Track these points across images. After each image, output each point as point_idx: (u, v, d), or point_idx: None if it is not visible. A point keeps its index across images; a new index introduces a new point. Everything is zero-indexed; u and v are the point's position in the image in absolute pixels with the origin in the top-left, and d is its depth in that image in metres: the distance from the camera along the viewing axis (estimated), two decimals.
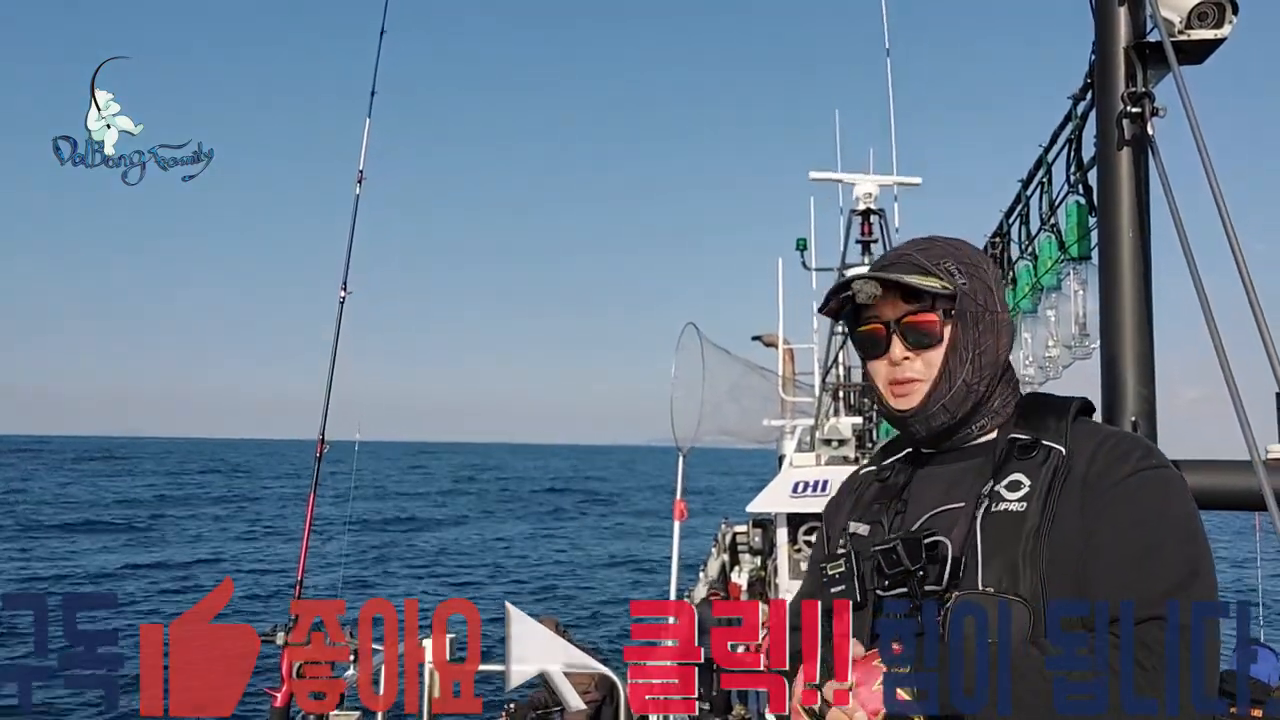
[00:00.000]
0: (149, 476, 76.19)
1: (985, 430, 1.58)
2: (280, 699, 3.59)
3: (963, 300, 1.52)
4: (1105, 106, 2.66)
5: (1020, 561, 1.39)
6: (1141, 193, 2.59)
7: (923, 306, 1.53)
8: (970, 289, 1.54)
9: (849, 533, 1.63)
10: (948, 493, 1.54)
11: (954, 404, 1.54)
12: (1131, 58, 2.60)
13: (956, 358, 1.52)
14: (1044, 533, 1.40)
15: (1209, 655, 1.31)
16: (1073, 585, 1.38)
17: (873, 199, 10.74)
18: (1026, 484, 1.45)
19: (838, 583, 1.55)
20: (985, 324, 1.54)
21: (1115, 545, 1.38)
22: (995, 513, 1.44)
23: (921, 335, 1.54)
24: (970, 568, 1.42)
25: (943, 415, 1.54)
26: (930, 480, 1.60)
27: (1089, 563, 1.38)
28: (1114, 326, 2.60)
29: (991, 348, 1.54)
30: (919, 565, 1.45)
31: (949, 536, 1.46)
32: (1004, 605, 1.38)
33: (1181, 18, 2.52)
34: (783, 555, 8.65)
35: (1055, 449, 1.48)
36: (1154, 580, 1.33)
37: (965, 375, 1.53)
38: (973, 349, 1.53)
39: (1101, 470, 1.43)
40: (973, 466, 1.55)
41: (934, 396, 1.53)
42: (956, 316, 1.52)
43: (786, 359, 14.43)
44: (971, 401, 1.54)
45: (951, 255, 1.57)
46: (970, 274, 1.55)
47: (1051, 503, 1.42)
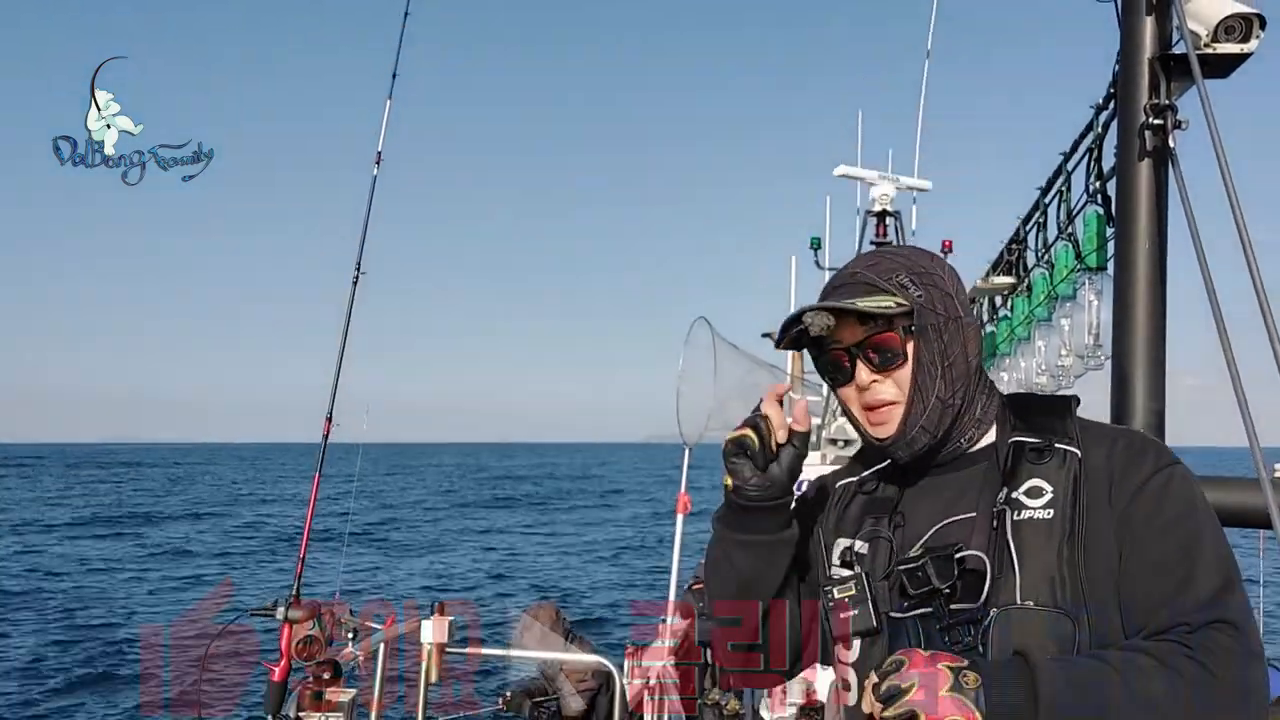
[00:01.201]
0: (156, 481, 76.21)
1: (974, 439, 1.52)
2: (279, 673, 3.61)
3: (921, 314, 1.45)
4: (1127, 117, 2.64)
5: (1058, 571, 1.34)
6: (1160, 205, 2.58)
7: (881, 326, 1.46)
8: (927, 300, 1.46)
9: (851, 551, 1.53)
10: (952, 505, 1.47)
11: (932, 423, 1.46)
12: (1156, 69, 2.58)
13: (925, 374, 1.45)
14: (1077, 540, 1.35)
15: (1261, 652, 1.29)
16: (1110, 593, 1.34)
17: (889, 200, 10.70)
18: (1049, 490, 1.40)
19: (849, 608, 1.45)
20: (950, 333, 1.47)
21: (1154, 550, 1.34)
22: (1021, 521, 1.38)
23: (886, 355, 1.47)
24: (1003, 581, 1.35)
25: (924, 437, 1.47)
26: (927, 492, 1.52)
27: (1128, 568, 1.34)
28: (1127, 338, 2.59)
29: (960, 356, 1.47)
30: (948, 584, 1.37)
31: (971, 548, 1.39)
32: (1048, 618, 1.32)
33: (1208, 31, 2.50)
34: None
35: (1070, 451, 1.43)
36: (1202, 583, 1.30)
37: (938, 391, 1.46)
38: (940, 361, 1.46)
39: (1122, 472, 1.39)
40: (976, 474, 1.48)
41: (910, 419, 1.46)
42: (917, 332, 1.45)
43: (795, 357, 14.40)
44: (950, 417, 1.47)
45: (903, 267, 1.49)
46: (925, 284, 1.47)
47: (1079, 508, 1.37)
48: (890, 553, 1.47)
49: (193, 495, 56.53)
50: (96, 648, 18.09)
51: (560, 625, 6.18)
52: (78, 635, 19.45)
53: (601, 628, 20.10)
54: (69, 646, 18.41)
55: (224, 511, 47.47)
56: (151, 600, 22.84)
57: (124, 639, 18.74)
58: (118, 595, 23.63)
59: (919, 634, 1.39)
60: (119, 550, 31.94)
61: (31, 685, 15.74)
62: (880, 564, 1.47)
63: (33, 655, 17.61)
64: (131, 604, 22.31)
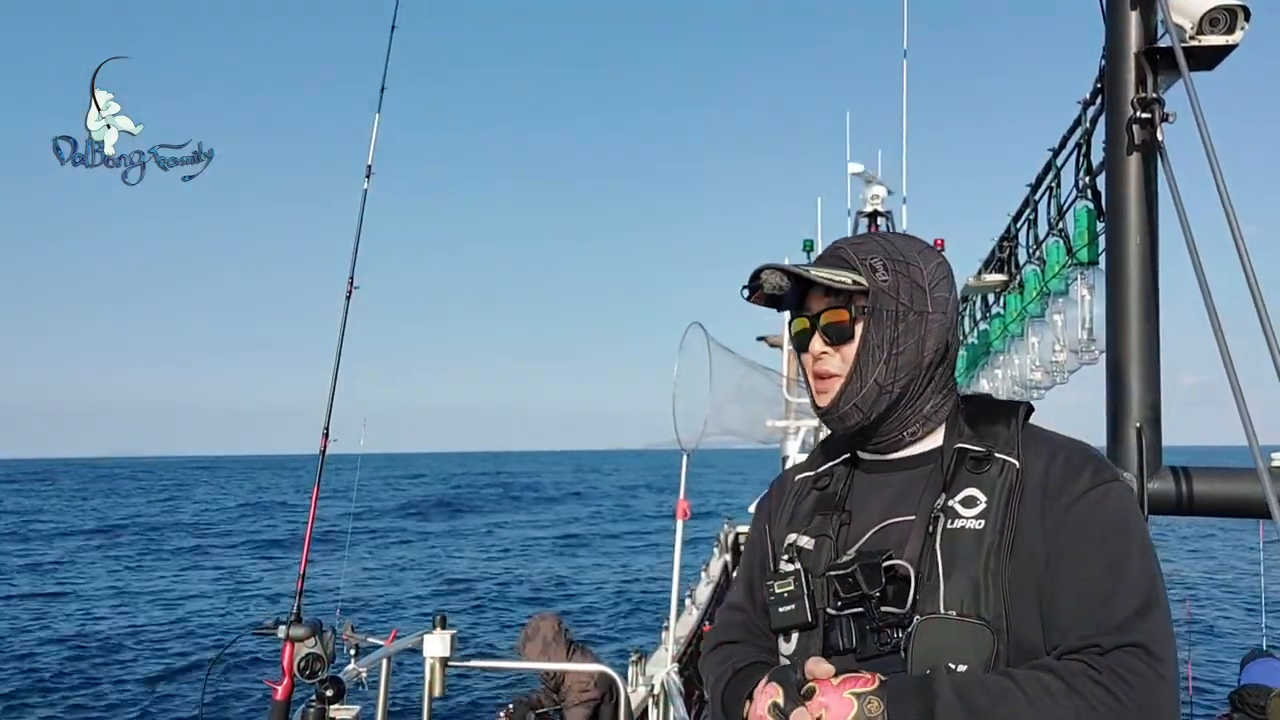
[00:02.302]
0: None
1: (917, 436, 1.54)
2: (281, 692, 3.59)
3: (878, 297, 1.48)
4: (1115, 112, 2.65)
5: (982, 582, 1.35)
6: (1150, 198, 2.59)
7: (839, 302, 1.51)
8: (891, 286, 1.49)
9: (795, 546, 1.57)
10: (895, 504, 1.50)
11: (866, 404, 1.49)
12: (1142, 63, 2.59)
13: (868, 356, 1.48)
14: (1004, 552, 1.36)
15: (1174, 680, 1.29)
16: (1035, 607, 1.35)
17: (880, 201, 10.74)
18: (982, 500, 1.41)
19: (786, 601, 1.50)
20: (907, 323, 1.49)
21: (1078, 567, 1.35)
22: (952, 530, 1.40)
23: (835, 330, 1.51)
24: (930, 588, 1.38)
25: (855, 415, 1.50)
26: (873, 489, 1.55)
27: (1051, 585, 1.35)
28: (1120, 332, 2.60)
29: (912, 348, 1.49)
30: (876, 589, 1.40)
31: (903, 553, 1.42)
32: (967, 629, 1.34)
33: (1193, 23, 2.51)
34: None
35: (1009, 462, 1.44)
36: (1121, 602, 1.30)
37: (877, 375, 1.48)
38: (888, 348, 1.48)
39: (1057, 486, 1.40)
40: (920, 476, 1.51)
41: (846, 394, 1.50)
42: (869, 314, 1.48)
43: (791, 360, 14.43)
44: (885, 403, 1.50)
45: (882, 250, 1.52)
46: (897, 270, 1.50)
47: (1010, 520, 1.38)
48: (833, 550, 1.51)
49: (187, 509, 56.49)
50: (93, 666, 18.04)
51: (562, 636, 6.17)
52: (74, 651, 19.40)
53: (601, 629, 20.11)
54: (64, 662, 18.35)
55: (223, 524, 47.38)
56: (151, 618, 22.79)
57: (126, 657, 18.69)
58: (117, 609, 23.59)
59: (851, 631, 1.43)
60: (116, 565, 31.87)
61: (24, 704, 15.69)
62: (822, 561, 1.51)
63: (27, 672, 17.56)
64: (131, 620, 22.26)
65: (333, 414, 4.02)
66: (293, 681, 3.57)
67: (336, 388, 4.05)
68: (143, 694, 16.50)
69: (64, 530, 43.37)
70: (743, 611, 1.70)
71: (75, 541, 39.07)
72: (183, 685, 16.79)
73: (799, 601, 1.48)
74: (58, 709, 15.77)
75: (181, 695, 16.16)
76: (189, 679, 17.11)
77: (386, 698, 4.35)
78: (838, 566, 1.45)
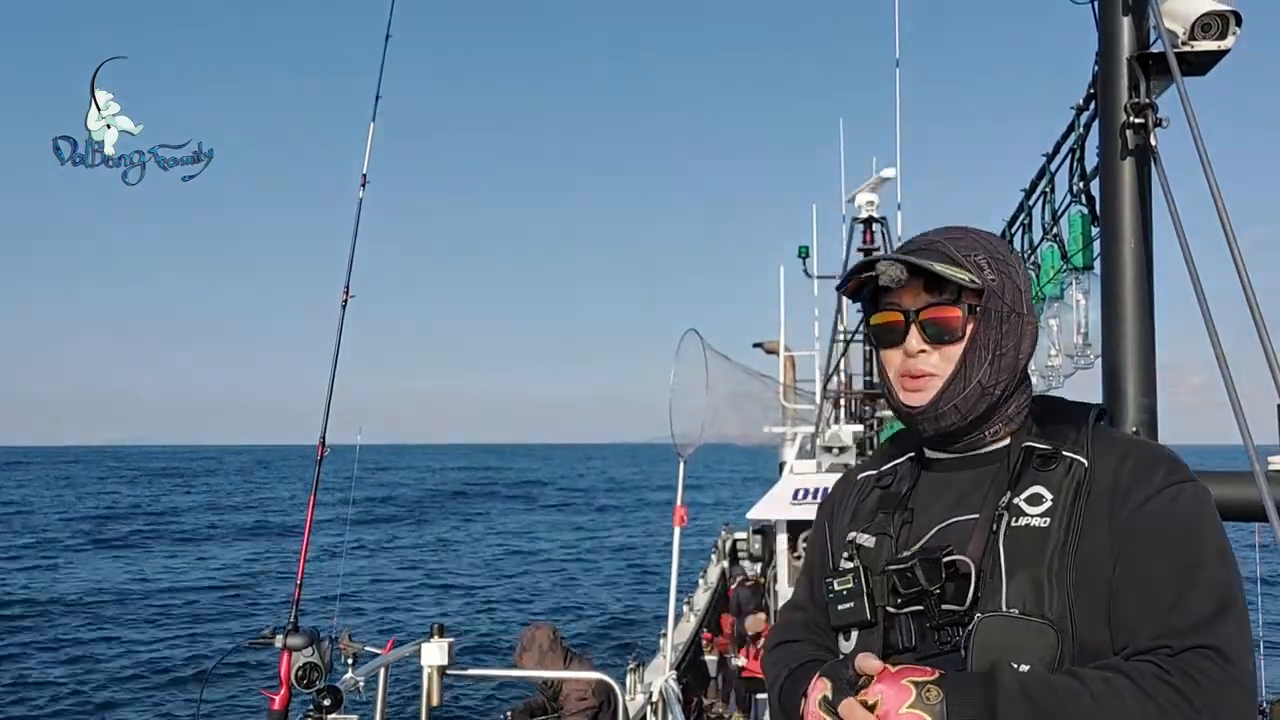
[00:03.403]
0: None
1: (998, 436, 1.50)
2: (279, 702, 3.58)
3: (989, 297, 1.44)
4: (1108, 117, 2.66)
5: (1046, 581, 1.32)
6: (1144, 203, 2.60)
7: (945, 299, 1.46)
8: (999, 286, 1.45)
9: (855, 544, 1.54)
10: (959, 503, 1.47)
11: (966, 405, 1.45)
12: (1135, 69, 2.60)
13: (976, 356, 1.44)
14: (1070, 550, 1.33)
15: (1249, 684, 1.25)
16: (1101, 608, 1.32)
17: (875, 207, 10.76)
18: (1048, 498, 1.38)
19: (845, 599, 1.47)
20: (1010, 325, 1.46)
21: (1148, 567, 1.31)
22: (1017, 528, 1.37)
23: (942, 329, 1.46)
24: (993, 586, 1.35)
25: (953, 415, 1.46)
26: (937, 488, 1.52)
27: (1121, 584, 1.31)
28: (1115, 336, 2.60)
29: (1013, 351, 1.46)
30: (937, 585, 1.38)
31: (965, 551, 1.39)
32: (1030, 627, 1.31)
33: (1185, 29, 2.52)
34: (783, 562, 8.64)
35: (1077, 461, 1.41)
36: (1194, 604, 1.27)
37: (982, 376, 1.44)
38: (993, 349, 1.45)
39: (1128, 486, 1.36)
40: (986, 475, 1.48)
41: (946, 394, 1.45)
42: (980, 313, 1.44)
43: (787, 366, 14.43)
44: (985, 404, 1.46)
45: (984, 249, 1.48)
46: (1001, 271, 1.47)
47: (1076, 519, 1.35)
48: (892, 548, 1.48)
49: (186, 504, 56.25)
50: (85, 673, 17.96)
51: (558, 644, 6.16)
52: (67, 658, 19.32)
53: (598, 636, 20.07)
54: (60, 669, 18.28)
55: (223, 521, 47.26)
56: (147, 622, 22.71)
57: (122, 663, 18.61)
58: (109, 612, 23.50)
59: (911, 630, 1.40)
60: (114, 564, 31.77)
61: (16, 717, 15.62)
62: (882, 559, 1.48)
63: (17, 683, 17.49)
64: (125, 624, 22.18)
65: (329, 414, 4.02)
66: (290, 691, 3.57)
67: (333, 395, 4.05)
68: (137, 704, 16.44)
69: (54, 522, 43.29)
70: (803, 610, 1.67)
71: (74, 539, 38.90)
72: (178, 695, 16.72)
73: (858, 599, 1.46)
74: (48, 714, 15.71)
75: (177, 706, 16.10)
76: (184, 688, 17.04)
77: (384, 707, 4.34)
78: (897, 561, 1.43)
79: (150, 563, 33.39)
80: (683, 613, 12.86)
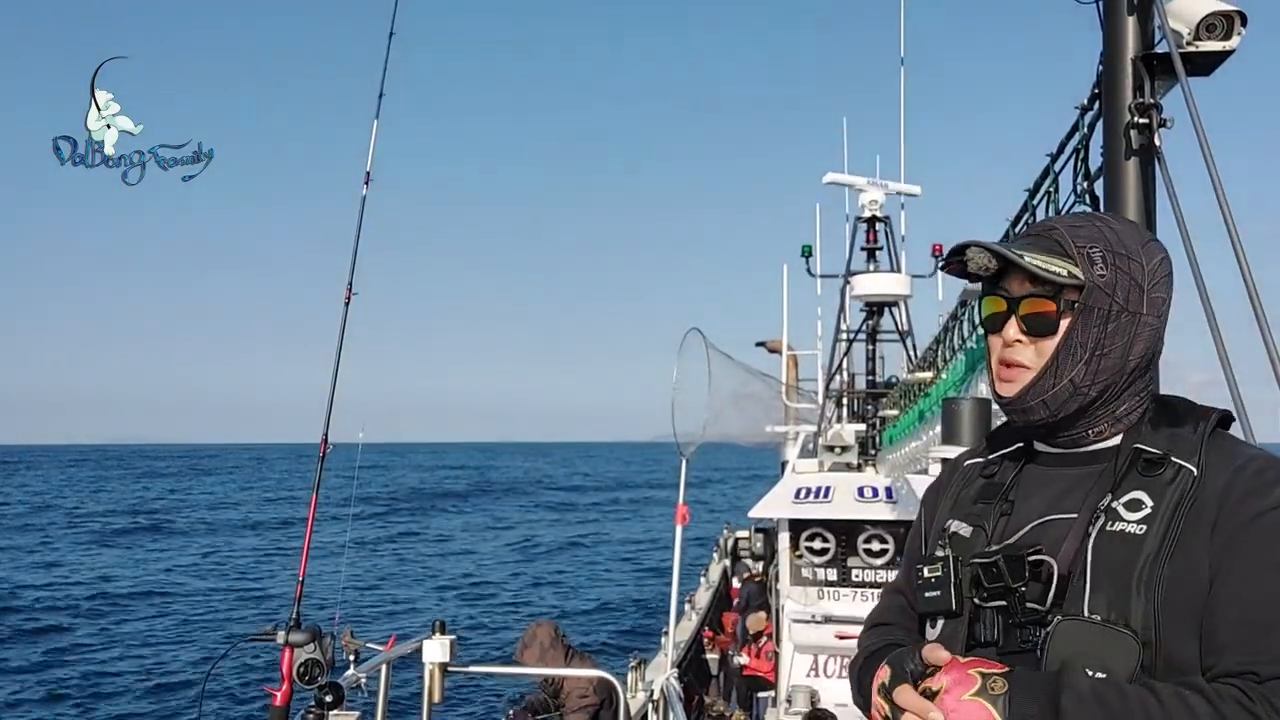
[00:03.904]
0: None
1: (1104, 435, 1.44)
2: (281, 698, 3.58)
3: (1092, 294, 1.37)
4: (1112, 117, 2.66)
5: (1133, 589, 1.27)
6: (1148, 203, 2.59)
7: (1044, 292, 1.40)
8: (1109, 282, 1.37)
9: (949, 533, 1.51)
10: (1059, 500, 1.43)
11: (1055, 402, 1.40)
12: (1139, 69, 2.60)
13: (1069, 354, 1.39)
14: (1163, 561, 1.27)
15: None
16: (1191, 623, 1.26)
17: (878, 206, 10.75)
18: (1148, 504, 1.32)
19: (933, 587, 1.44)
20: (1118, 324, 1.38)
21: (1248, 587, 1.24)
22: (1110, 532, 1.32)
23: (1037, 321, 1.41)
24: (1077, 590, 1.31)
25: (1041, 411, 1.41)
26: (1040, 482, 1.48)
27: (1215, 602, 1.25)
28: None
29: (1119, 350, 1.39)
30: (1020, 583, 1.35)
31: (1057, 551, 1.36)
32: (1111, 636, 1.27)
33: (1190, 29, 2.52)
34: (784, 561, 8.63)
35: (1185, 468, 1.34)
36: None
37: (1075, 375, 1.39)
38: (1092, 348, 1.38)
39: (1239, 500, 1.28)
40: (1090, 474, 1.43)
41: (1034, 390, 1.41)
42: (1080, 310, 1.38)
43: (790, 365, 14.44)
44: (1077, 403, 1.40)
45: (1103, 241, 1.40)
46: (1117, 265, 1.38)
47: (1175, 528, 1.29)
48: (986, 540, 1.46)
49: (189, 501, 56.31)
50: (90, 667, 18.00)
51: (560, 642, 6.17)
52: (71, 652, 19.35)
53: (599, 633, 20.08)
54: (61, 663, 18.32)
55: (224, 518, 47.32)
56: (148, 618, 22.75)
57: (123, 659, 18.65)
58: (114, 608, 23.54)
59: (996, 624, 1.38)
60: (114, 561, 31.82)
61: (19, 710, 15.65)
62: (974, 550, 1.45)
63: (23, 676, 17.53)
64: (128, 621, 22.21)
65: (331, 410, 4.03)
66: (292, 687, 3.57)
67: (336, 391, 4.05)
68: (139, 699, 16.47)
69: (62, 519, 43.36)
70: (901, 595, 1.64)
71: (75, 538, 38.97)
72: (180, 691, 16.75)
73: (945, 588, 1.42)
74: (49, 712, 15.75)
75: (179, 701, 16.13)
76: (187, 684, 17.07)
77: (386, 703, 4.35)
78: (983, 555, 1.40)
79: (151, 560, 33.46)
80: (684, 611, 12.87)
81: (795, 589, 8.44)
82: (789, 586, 8.50)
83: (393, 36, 4.77)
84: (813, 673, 8.18)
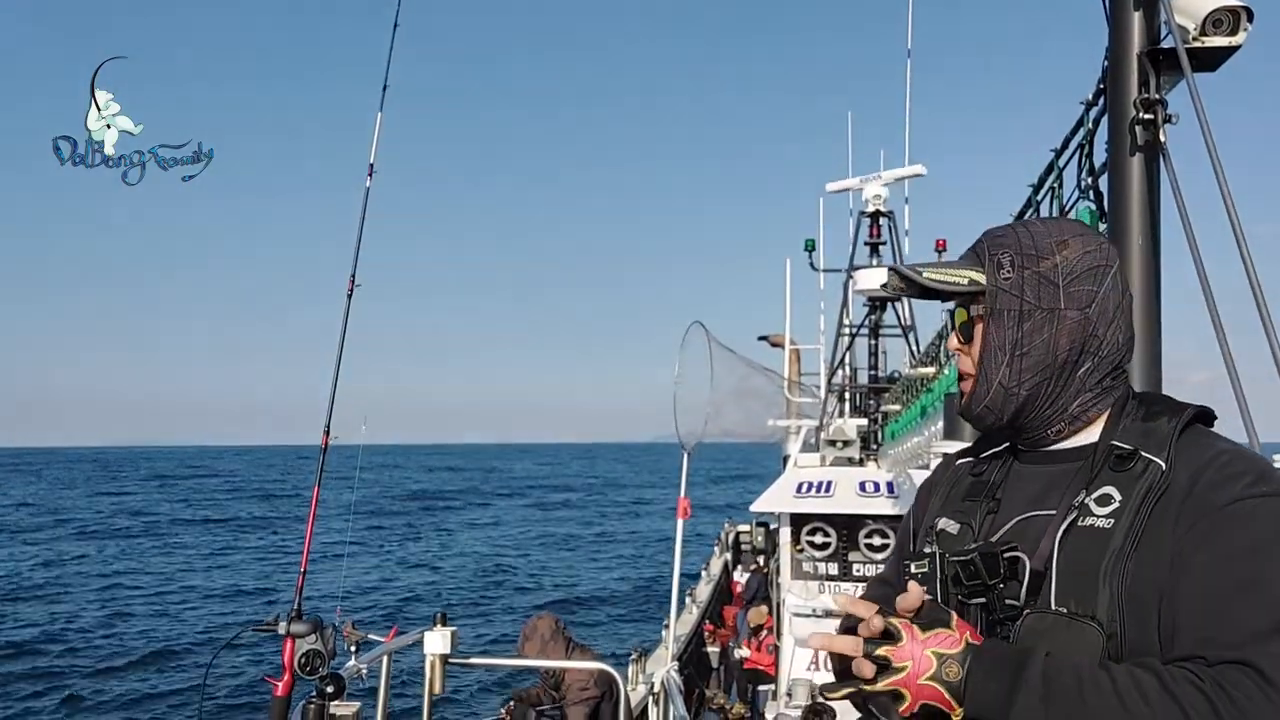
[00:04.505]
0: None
1: (1063, 435, 1.47)
2: (282, 688, 3.59)
3: (997, 297, 1.43)
4: (1117, 113, 2.65)
5: (1099, 582, 1.30)
6: (1152, 199, 2.59)
7: (962, 301, 1.49)
8: (1014, 283, 1.43)
9: (937, 530, 1.55)
10: (1041, 497, 1.45)
11: (996, 406, 1.46)
12: (1145, 64, 2.59)
13: (990, 357, 1.45)
14: (1128, 553, 1.30)
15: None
16: (1153, 612, 1.28)
17: (882, 201, 10.73)
18: (1117, 499, 1.35)
19: (920, 583, 1.44)
20: (1034, 322, 1.42)
21: (1205, 575, 1.26)
22: (1081, 528, 1.35)
23: (966, 330, 1.50)
24: (1049, 585, 1.35)
25: (989, 416, 1.48)
26: (1025, 480, 1.51)
27: (1174, 591, 1.27)
28: None
29: (1041, 348, 1.43)
30: (997, 580, 1.38)
31: (1034, 547, 1.38)
32: (1076, 627, 1.30)
33: (1196, 24, 2.51)
34: (785, 555, 8.64)
35: (1155, 463, 1.36)
36: (1245, 618, 1.21)
37: (1001, 377, 1.44)
38: (1010, 349, 1.43)
39: (1203, 492, 1.30)
40: (1069, 471, 1.45)
41: (975, 396, 1.48)
42: (988, 314, 1.45)
43: (792, 359, 14.43)
44: (1014, 405, 1.45)
45: (1014, 244, 1.46)
46: (1024, 266, 1.43)
47: (1140, 521, 1.31)
48: (970, 538, 1.49)
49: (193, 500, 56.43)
50: (92, 660, 18.05)
51: (560, 634, 6.17)
52: (73, 644, 19.40)
53: (600, 627, 20.11)
54: (62, 655, 18.37)
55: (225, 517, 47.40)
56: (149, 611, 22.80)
57: (125, 651, 18.70)
58: (113, 601, 23.59)
59: (979, 621, 1.41)
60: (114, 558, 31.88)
61: (21, 699, 15.70)
62: (962, 546, 1.48)
63: (25, 665, 17.58)
64: (129, 614, 22.26)
65: (333, 404, 4.02)
66: (293, 678, 3.57)
67: (338, 385, 4.05)
68: (142, 688, 16.52)
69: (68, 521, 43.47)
70: (888, 585, 1.66)
71: (76, 537, 39.08)
72: (182, 681, 16.80)
73: (931, 584, 1.45)
74: (54, 700, 15.81)
75: (181, 691, 16.17)
76: (189, 674, 17.12)
77: (387, 695, 4.36)
78: (961, 553, 1.43)
79: (153, 554, 33.53)
80: (685, 604, 12.89)
81: (796, 583, 8.45)
82: (790, 580, 8.51)
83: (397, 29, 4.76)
84: (813, 666, 8.19)
